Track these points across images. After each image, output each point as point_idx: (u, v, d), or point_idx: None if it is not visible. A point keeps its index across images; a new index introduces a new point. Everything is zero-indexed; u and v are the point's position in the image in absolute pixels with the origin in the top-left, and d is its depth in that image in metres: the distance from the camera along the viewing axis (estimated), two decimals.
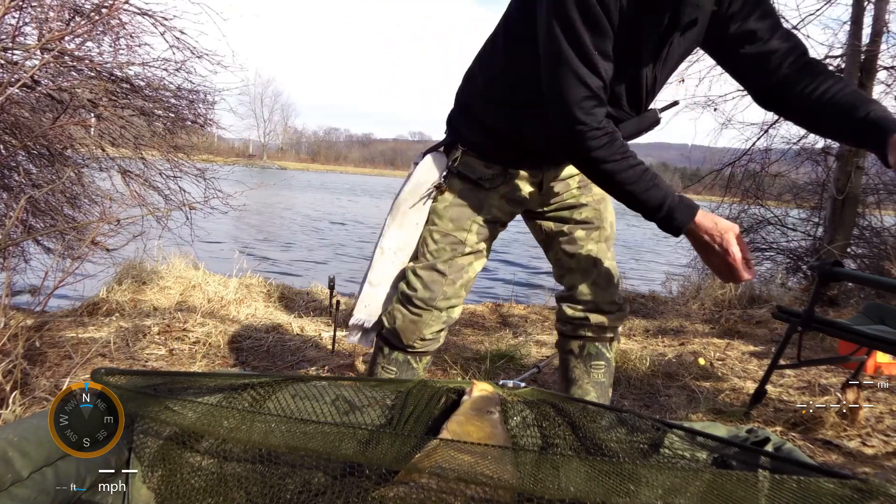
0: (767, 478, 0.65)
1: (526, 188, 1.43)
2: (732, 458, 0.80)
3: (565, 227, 1.50)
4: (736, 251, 1.10)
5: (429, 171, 1.42)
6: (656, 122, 1.27)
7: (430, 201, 1.42)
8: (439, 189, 1.40)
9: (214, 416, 0.82)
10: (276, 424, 0.80)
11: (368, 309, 1.49)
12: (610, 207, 1.53)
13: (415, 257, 1.45)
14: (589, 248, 1.49)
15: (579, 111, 1.07)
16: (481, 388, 0.99)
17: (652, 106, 1.29)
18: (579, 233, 1.49)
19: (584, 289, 1.49)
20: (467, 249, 1.41)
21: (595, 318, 1.51)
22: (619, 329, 1.58)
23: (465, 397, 0.98)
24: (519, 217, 1.57)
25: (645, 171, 1.11)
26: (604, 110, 1.10)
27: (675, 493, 0.67)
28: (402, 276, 1.46)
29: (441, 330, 1.46)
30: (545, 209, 1.51)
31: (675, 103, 1.36)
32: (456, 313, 1.46)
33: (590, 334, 1.54)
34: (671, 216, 1.11)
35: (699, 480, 0.68)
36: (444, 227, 1.40)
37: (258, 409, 0.93)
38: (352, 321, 1.50)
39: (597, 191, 1.48)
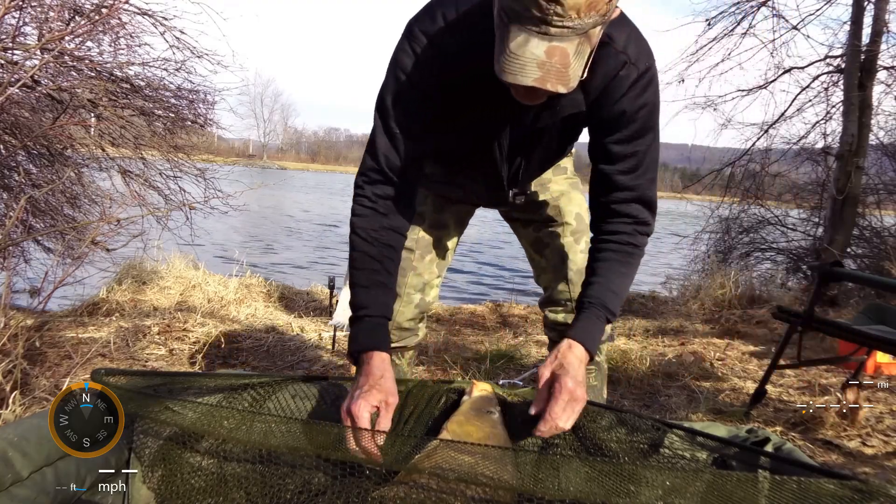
0: (767, 478, 0.65)
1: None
2: (732, 458, 0.80)
3: (531, 228, 1.50)
4: (356, 406, 0.89)
5: None
6: (506, 202, 1.35)
7: None
8: None
9: (214, 417, 0.82)
10: (275, 425, 0.80)
11: (346, 312, 1.49)
12: (575, 199, 1.49)
13: None
14: (556, 244, 1.47)
15: (361, 176, 1.15)
16: (481, 388, 0.99)
17: (524, 188, 1.37)
18: (544, 231, 1.48)
19: (560, 287, 1.47)
20: (426, 223, 1.43)
21: None
22: (609, 330, 1.55)
23: (465, 397, 0.98)
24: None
25: (372, 271, 1.08)
26: (385, 186, 1.13)
27: (676, 494, 0.67)
28: None
29: (416, 319, 1.45)
30: (510, 209, 1.50)
31: (525, 193, 1.40)
32: (431, 296, 1.45)
33: None
34: (354, 330, 1.04)
35: (699, 481, 0.68)
36: None
37: (258, 409, 0.93)
38: (330, 321, 1.52)
39: (555, 187, 1.47)
